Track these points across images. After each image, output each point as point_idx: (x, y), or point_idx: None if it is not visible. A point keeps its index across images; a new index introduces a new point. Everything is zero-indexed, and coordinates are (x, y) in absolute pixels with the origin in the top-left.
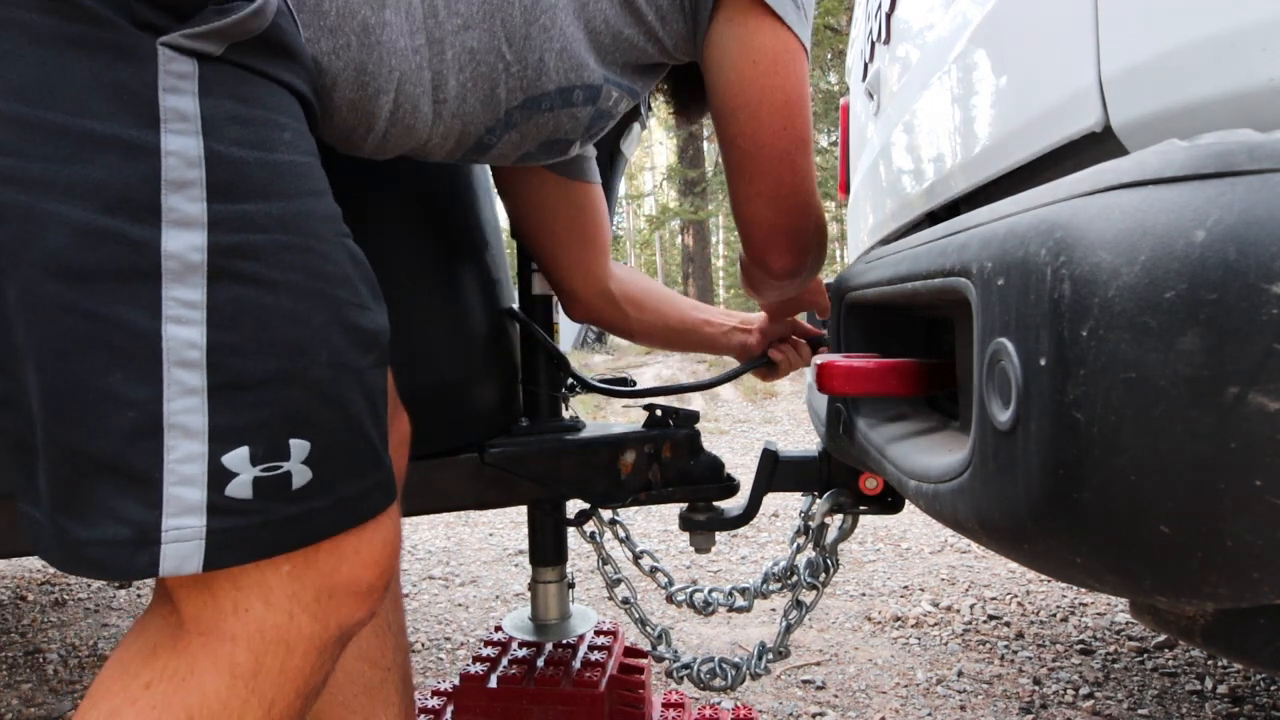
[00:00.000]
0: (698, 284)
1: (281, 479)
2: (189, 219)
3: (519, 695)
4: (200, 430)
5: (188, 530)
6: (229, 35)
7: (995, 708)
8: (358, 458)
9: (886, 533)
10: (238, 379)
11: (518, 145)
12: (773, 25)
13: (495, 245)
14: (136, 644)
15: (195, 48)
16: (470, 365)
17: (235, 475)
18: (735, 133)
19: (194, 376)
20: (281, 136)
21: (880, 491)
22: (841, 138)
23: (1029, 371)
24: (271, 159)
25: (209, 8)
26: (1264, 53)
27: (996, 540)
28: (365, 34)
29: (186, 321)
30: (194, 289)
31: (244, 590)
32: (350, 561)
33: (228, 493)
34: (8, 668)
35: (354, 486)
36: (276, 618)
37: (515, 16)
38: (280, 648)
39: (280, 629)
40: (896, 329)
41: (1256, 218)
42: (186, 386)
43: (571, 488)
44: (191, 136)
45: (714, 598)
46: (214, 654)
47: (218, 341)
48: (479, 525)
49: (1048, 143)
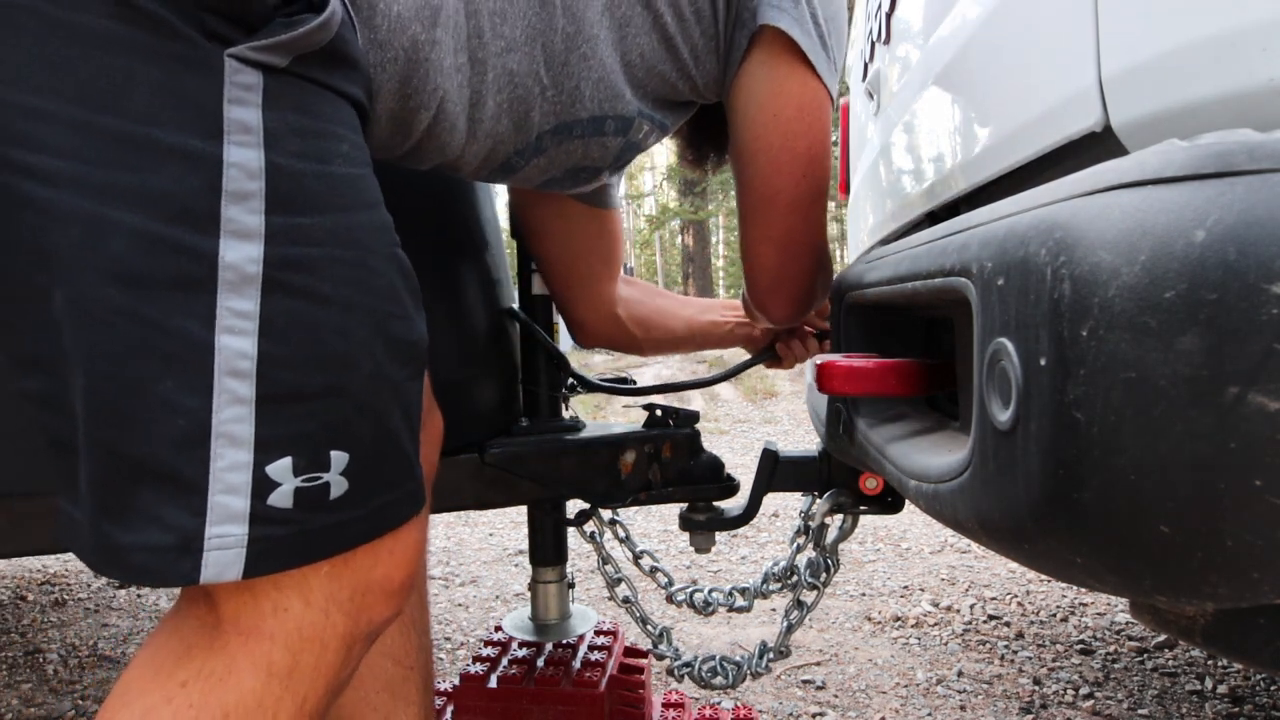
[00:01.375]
0: (698, 284)
1: (321, 489)
2: (247, 231)
3: (519, 695)
4: (247, 440)
5: (230, 539)
6: (295, 48)
7: (995, 708)
8: (392, 468)
9: (886, 533)
10: (285, 391)
11: (544, 170)
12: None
13: (495, 245)
14: (169, 643)
15: (261, 60)
16: (470, 365)
17: (278, 485)
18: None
19: (244, 386)
20: (339, 149)
21: (880, 491)
22: (841, 138)
23: (1029, 371)
24: (329, 172)
25: (276, 20)
26: (1264, 53)
27: (996, 540)
28: (414, 50)
29: (239, 332)
30: (248, 300)
31: (284, 591)
32: (385, 562)
33: (270, 502)
34: (8, 668)
35: (387, 496)
36: (314, 617)
37: (557, 43)
38: (316, 645)
39: (317, 627)
40: (896, 329)
41: (1256, 218)
42: (236, 396)
43: (571, 488)
44: (253, 149)
45: (714, 598)
46: (252, 653)
47: (268, 353)
48: (479, 525)
49: (1048, 143)
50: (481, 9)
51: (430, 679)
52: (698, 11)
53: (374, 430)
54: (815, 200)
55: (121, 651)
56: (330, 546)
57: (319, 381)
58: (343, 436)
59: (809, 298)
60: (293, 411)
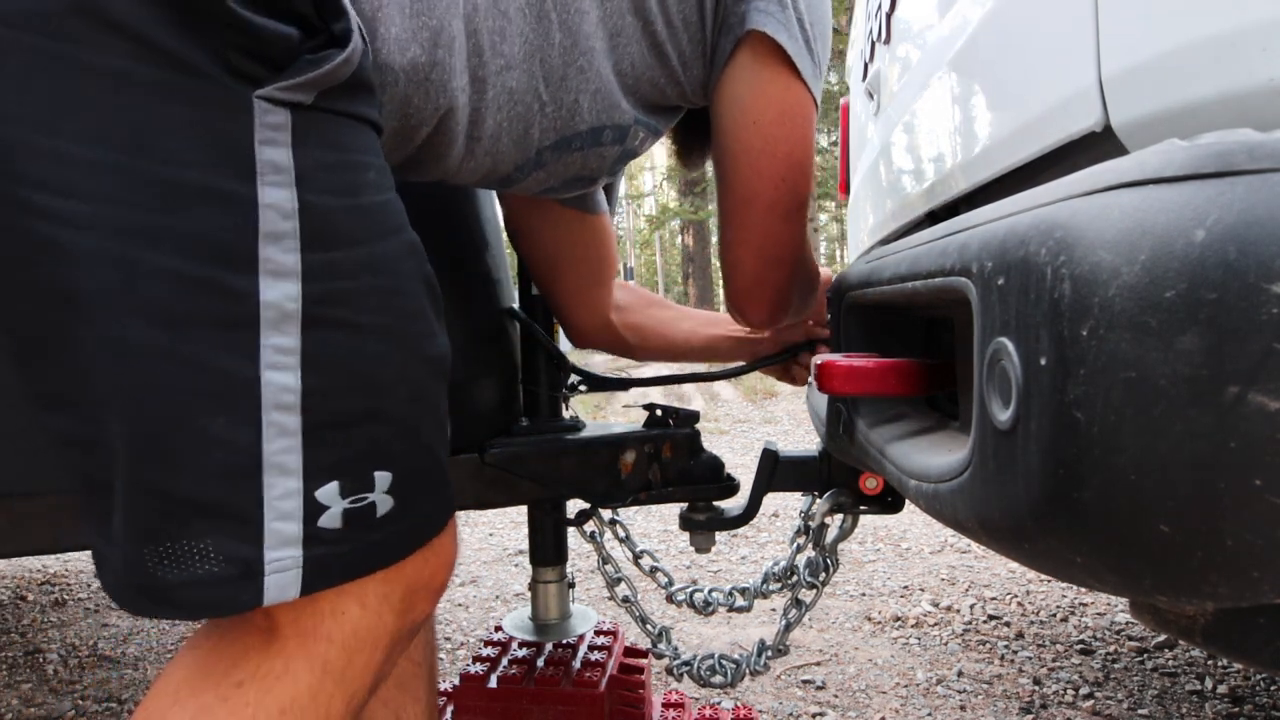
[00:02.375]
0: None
1: (368, 509)
2: (284, 269)
3: (519, 695)
4: (296, 468)
5: (287, 560)
6: (321, 84)
7: (995, 708)
8: (431, 480)
9: (886, 533)
10: (329, 419)
11: (542, 182)
12: (788, 77)
13: (495, 245)
14: (220, 647)
15: (289, 99)
16: (470, 365)
17: (327, 508)
18: (733, 177)
19: (290, 419)
20: (366, 178)
21: (880, 491)
22: (841, 138)
23: (1029, 371)
24: (359, 204)
25: (303, 58)
26: (1264, 53)
27: (996, 540)
28: (414, 71)
29: (283, 367)
30: (289, 336)
31: (343, 596)
32: (431, 563)
33: (321, 524)
34: (8, 668)
35: (429, 505)
36: (369, 619)
37: (554, 58)
38: (369, 645)
39: (371, 629)
40: (896, 329)
41: (1256, 217)
42: (283, 428)
43: (571, 488)
44: (286, 189)
45: (714, 597)
46: (310, 653)
47: (311, 385)
48: (479, 525)
49: (1048, 143)
50: (481, 27)
51: (435, 674)
52: (685, 18)
53: (413, 447)
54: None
55: (121, 651)
56: (381, 560)
57: (360, 407)
58: (385, 457)
59: (786, 303)
60: (337, 438)
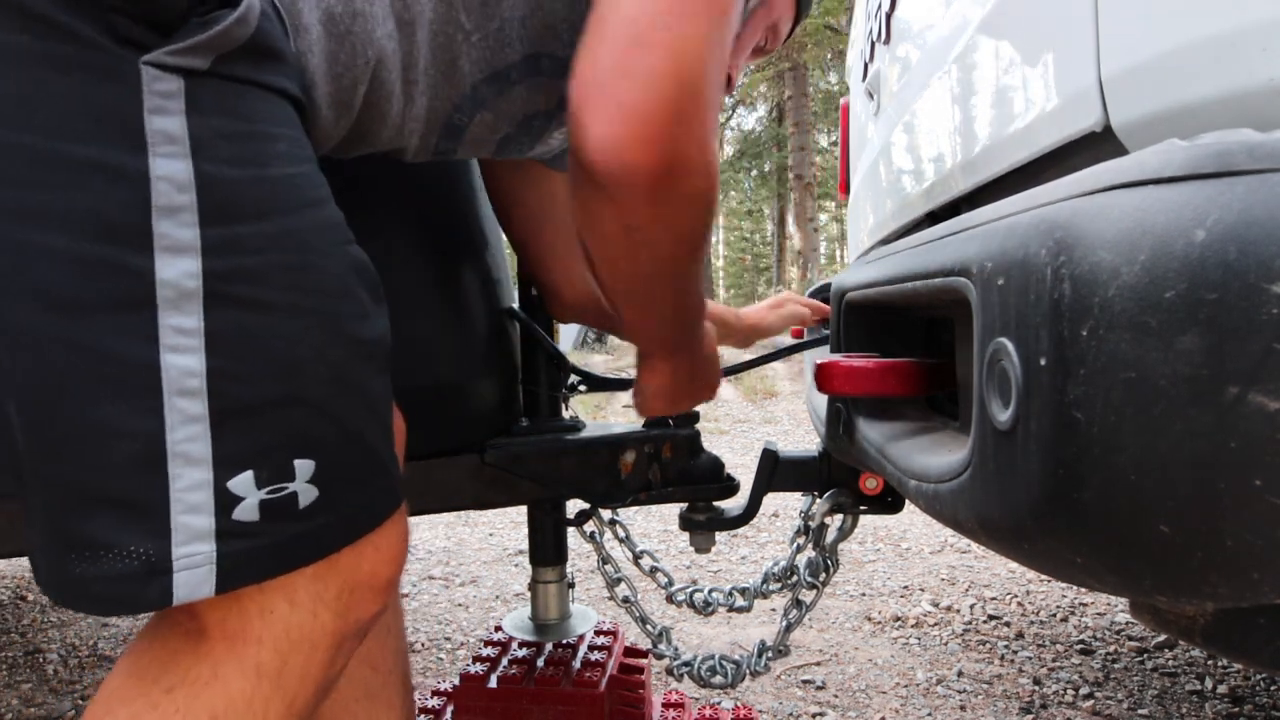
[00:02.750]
0: None
1: (288, 499)
2: (182, 245)
3: (519, 695)
4: (204, 457)
5: (198, 556)
6: (215, 47)
7: (995, 708)
8: (363, 469)
9: (886, 533)
10: (239, 404)
11: (493, 127)
12: None
13: (495, 245)
14: (152, 650)
15: (181, 64)
16: (470, 365)
17: (241, 499)
18: None
19: (195, 404)
20: (275, 149)
21: (880, 491)
22: (841, 138)
23: (1029, 371)
24: (265, 175)
25: (191, 20)
26: (1264, 53)
27: (996, 540)
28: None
29: (184, 350)
30: (190, 316)
31: (269, 594)
32: (370, 559)
33: (235, 517)
34: (8, 668)
35: (362, 496)
36: (301, 618)
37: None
38: (305, 645)
39: (305, 628)
40: (896, 329)
41: (1256, 218)
42: (188, 415)
43: (571, 488)
44: (181, 160)
45: (714, 598)
46: (239, 656)
47: (217, 368)
48: (479, 525)
49: (1048, 143)
50: None
51: (408, 681)
52: None
53: (339, 433)
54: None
55: (121, 651)
56: (307, 554)
57: (274, 391)
58: (306, 444)
59: (655, 120)
60: (249, 424)
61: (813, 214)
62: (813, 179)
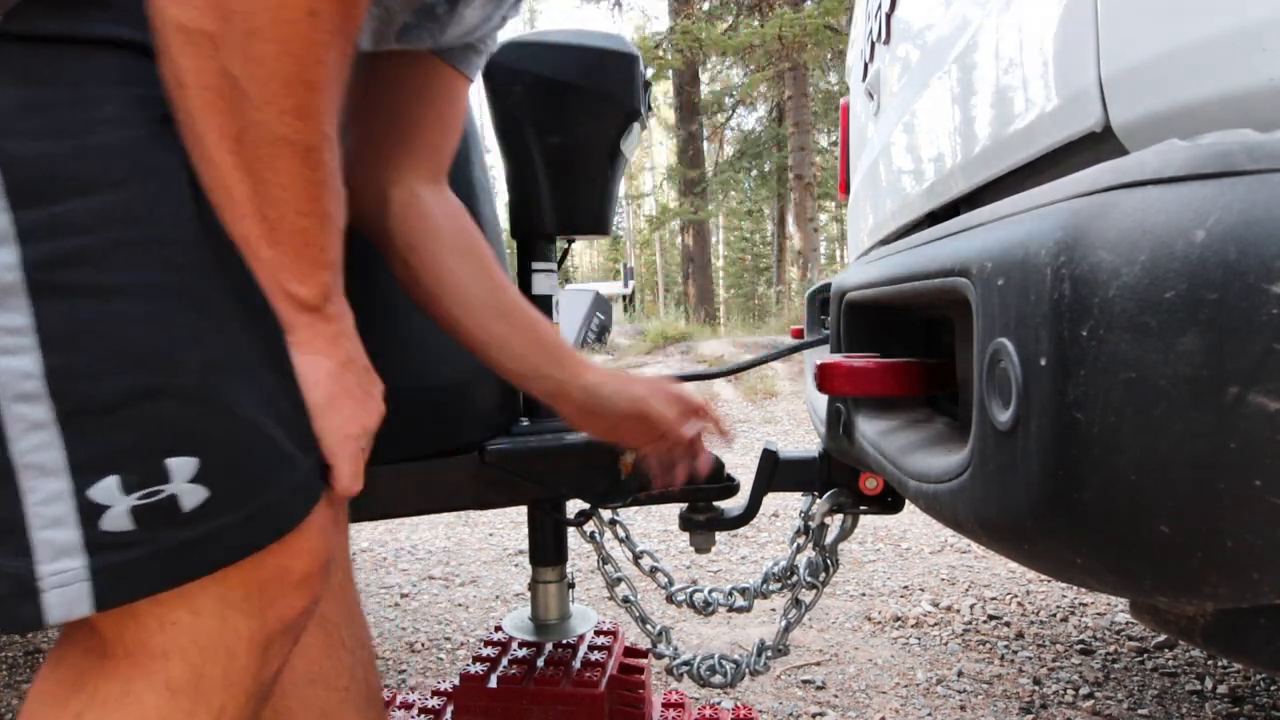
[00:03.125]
0: (698, 284)
1: (166, 503)
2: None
3: (519, 695)
4: (59, 466)
5: (69, 573)
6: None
7: (995, 708)
8: (262, 464)
9: (886, 533)
10: (91, 404)
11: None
12: None
13: (495, 245)
14: (58, 673)
15: None
16: (470, 365)
17: (107, 508)
18: None
19: (38, 409)
20: (99, 113)
21: (880, 491)
22: (841, 138)
23: (1029, 371)
24: (87, 144)
25: None
26: (1264, 53)
27: (996, 540)
28: None
29: (16, 350)
30: (17, 313)
31: (165, 605)
32: (275, 553)
33: (103, 527)
34: (8, 668)
35: (266, 495)
36: (208, 624)
37: None
38: (221, 653)
39: (215, 635)
40: (896, 329)
41: (1256, 218)
42: (31, 421)
43: (571, 488)
44: None
45: (714, 598)
46: (147, 672)
47: (57, 366)
48: (479, 525)
49: (1048, 143)
50: None
51: (374, 693)
52: None
53: (225, 426)
54: None
55: None
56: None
57: (128, 384)
58: (183, 440)
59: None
60: (105, 425)
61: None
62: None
